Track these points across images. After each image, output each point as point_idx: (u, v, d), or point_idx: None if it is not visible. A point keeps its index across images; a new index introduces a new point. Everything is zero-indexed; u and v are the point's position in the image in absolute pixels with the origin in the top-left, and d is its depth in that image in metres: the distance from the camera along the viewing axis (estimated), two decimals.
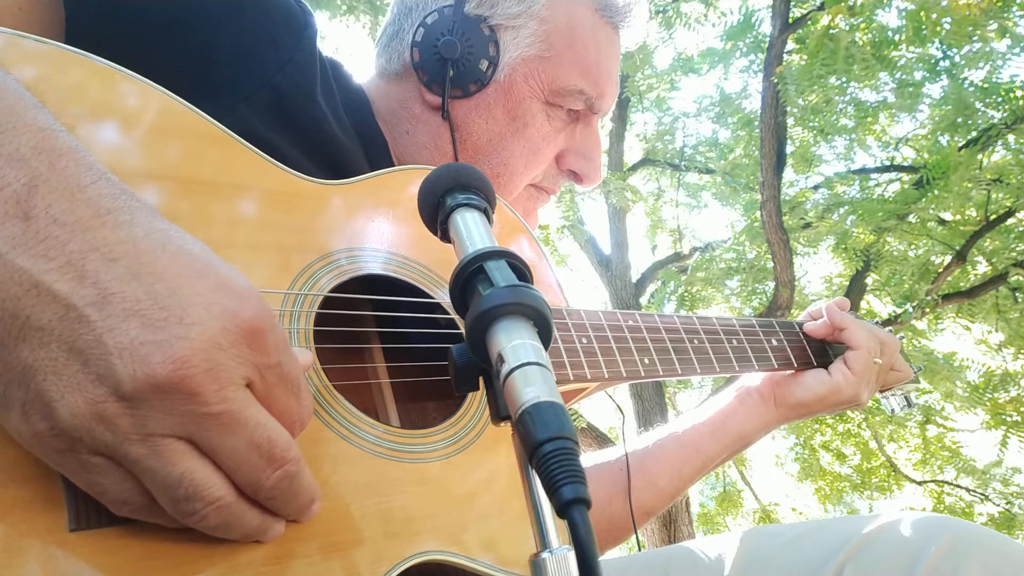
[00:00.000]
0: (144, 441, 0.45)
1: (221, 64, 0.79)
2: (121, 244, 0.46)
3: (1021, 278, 5.45)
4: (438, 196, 0.61)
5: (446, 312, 0.83)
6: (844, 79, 4.72)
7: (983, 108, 4.66)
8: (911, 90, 4.88)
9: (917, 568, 0.82)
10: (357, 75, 1.09)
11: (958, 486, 7.17)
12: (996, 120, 4.60)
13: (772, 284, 5.26)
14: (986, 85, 4.63)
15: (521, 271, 0.54)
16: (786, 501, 8.46)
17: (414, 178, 0.89)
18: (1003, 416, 5.81)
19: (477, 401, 0.80)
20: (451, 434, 0.75)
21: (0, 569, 0.47)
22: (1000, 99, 4.58)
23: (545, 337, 0.50)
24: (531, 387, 0.45)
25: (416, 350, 0.84)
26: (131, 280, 0.45)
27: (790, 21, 4.67)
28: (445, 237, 0.61)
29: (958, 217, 5.56)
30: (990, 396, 5.90)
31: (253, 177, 0.73)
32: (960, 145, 4.88)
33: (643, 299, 7.47)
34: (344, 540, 0.61)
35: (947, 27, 4.27)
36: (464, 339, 0.52)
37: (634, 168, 7.51)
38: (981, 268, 5.91)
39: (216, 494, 0.48)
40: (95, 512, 0.51)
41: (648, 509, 1.20)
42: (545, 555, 0.45)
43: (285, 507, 0.54)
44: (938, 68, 4.79)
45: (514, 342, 0.48)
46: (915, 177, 5.16)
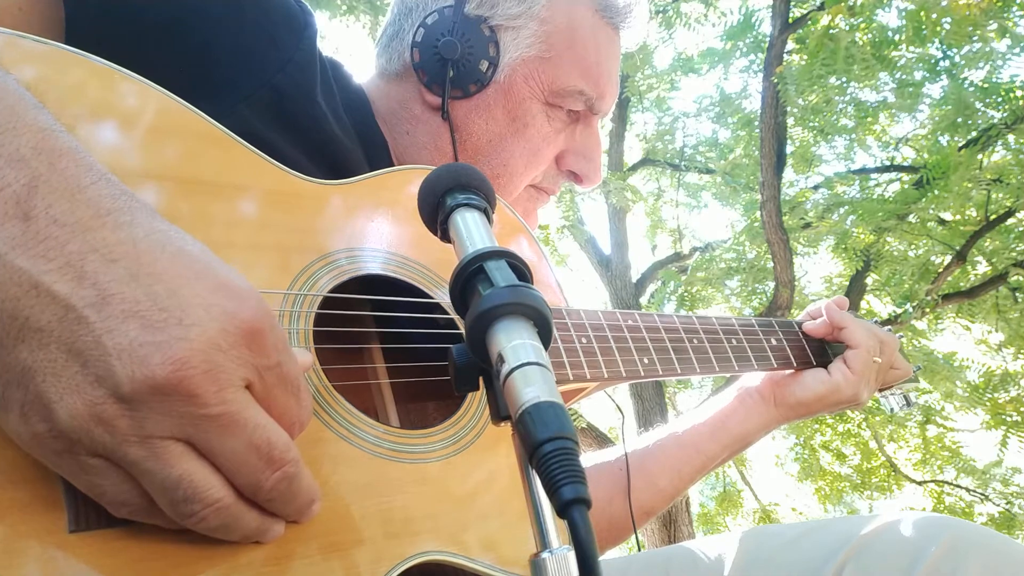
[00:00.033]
0: (143, 443, 0.45)
1: (221, 64, 0.79)
2: (121, 245, 0.46)
3: (1021, 278, 5.45)
4: (438, 196, 0.61)
5: (446, 312, 0.83)
6: (844, 79, 4.72)
7: (983, 108, 4.66)
8: (911, 90, 4.89)
9: (917, 568, 0.82)
10: (357, 75, 1.09)
11: (958, 486, 7.17)
12: (996, 120, 4.60)
13: (772, 284, 5.26)
14: (986, 85, 4.63)
15: (521, 271, 0.54)
16: (786, 501, 8.47)
17: (413, 178, 0.89)
18: (1003, 416, 5.81)
19: (477, 401, 0.80)
20: (451, 434, 0.75)
21: (0, 570, 0.47)
22: (1000, 99, 4.58)
23: (545, 337, 0.50)
24: (531, 387, 0.45)
25: (416, 350, 0.84)
26: (130, 281, 0.45)
27: (790, 21, 4.67)
28: (445, 237, 0.61)
29: (958, 217, 5.56)
30: (990, 396, 5.90)
31: (253, 177, 0.73)
32: (960, 145, 4.88)
33: (643, 299, 7.46)
34: (344, 540, 0.61)
35: (947, 27, 4.27)
36: (464, 339, 0.52)
37: (634, 168, 7.51)
38: (981, 268, 5.91)
39: (215, 495, 0.48)
40: (94, 513, 0.51)
41: (648, 509, 1.20)
42: (545, 555, 0.45)
43: (285, 508, 0.54)
44: (938, 68, 4.79)
45: (514, 342, 0.48)
46: (915, 177, 5.16)
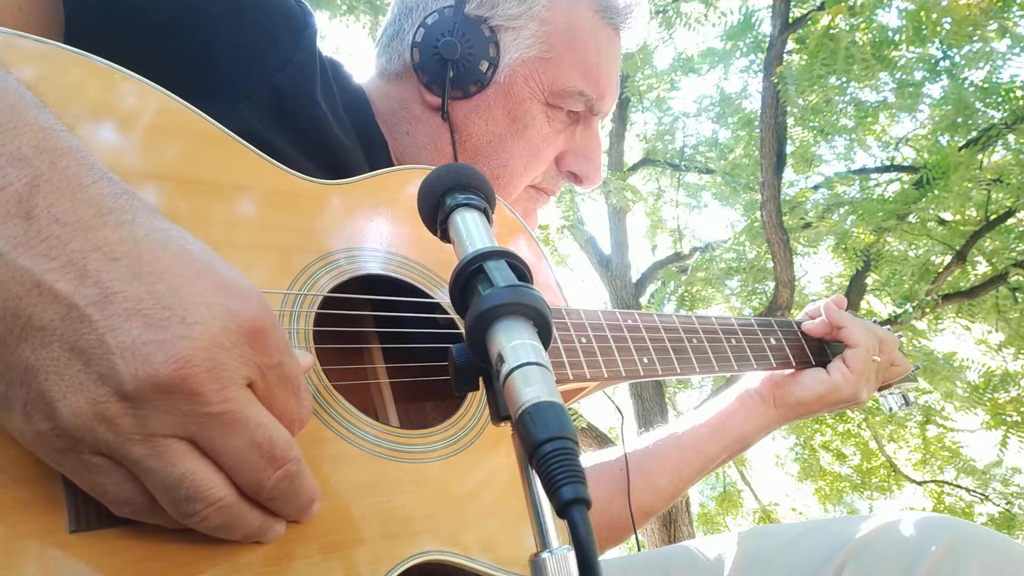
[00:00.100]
0: (145, 441, 0.45)
1: (221, 64, 0.79)
2: (122, 244, 0.46)
3: (1021, 278, 5.45)
4: (438, 196, 0.61)
5: (446, 312, 0.83)
6: (844, 79, 4.72)
7: (983, 108, 4.66)
8: (911, 90, 4.89)
9: (917, 568, 0.82)
10: (357, 75, 1.09)
11: (958, 486, 7.17)
12: (996, 120, 4.60)
13: (772, 284, 5.26)
14: (986, 85, 4.63)
15: (521, 271, 0.54)
16: (786, 501, 8.47)
17: (413, 178, 0.89)
18: (1003, 416, 5.81)
19: (477, 401, 0.80)
20: (451, 434, 0.75)
21: (0, 570, 0.47)
22: (1000, 99, 4.58)
23: (545, 337, 0.50)
24: (531, 387, 0.45)
25: (416, 350, 0.84)
26: (132, 280, 0.45)
27: (790, 21, 4.67)
28: (445, 237, 0.61)
29: (958, 217, 5.56)
30: (990, 396, 5.90)
31: (253, 177, 0.73)
32: (960, 145, 4.88)
33: (643, 299, 7.46)
34: (344, 540, 0.61)
35: (947, 27, 4.27)
36: (464, 339, 0.52)
37: (634, 168, 7.51)
38: (981, 268, 5.92)
39: (217, 494, 0.48)
40: (95, 513, 0.51)
41: (648, 509, 1.20)
42: (545, 555, 0.45)
43: (286, 507, 0.54)
44: (938, 68, 4.79)
45: (514, 342, 0.48)
46: (915, 177, 5.17)
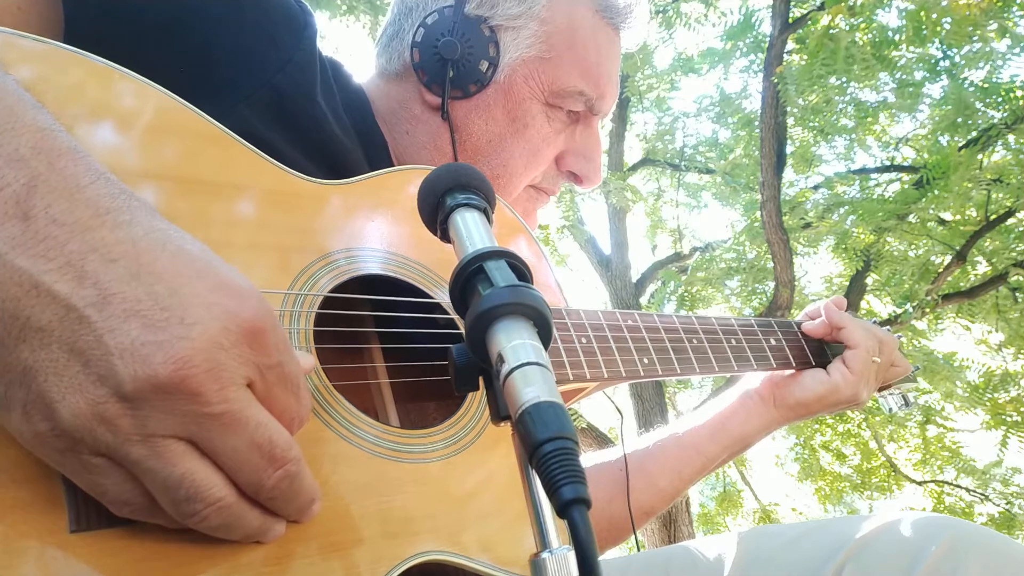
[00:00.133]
0: (145, 442, 0.45)
1: (221, 64, 0.79)
2: (120, 244, 0.46)
3: (1021, 278, 5.45)
4: (438, 196, 0.61)
5: (446, 312, 0.83)
6: (844, 79, 4.72)
7: (983, 108, 4.66)
8: (911, 90, 4.89)
9: (917, 568, 0.82)
10: (357, 75, 1.09)
11: (958, 486, 7.17)
12: (996, 120, 4.60)
13: (772, 284, 5.26)
14: (986, 85, 4.63)
15: (521, 271, 0.54)
16: (786, 501, 8.47)
17: (413, 178, 0.89)
18: (1003, 416, 5.81)
19: (477, 401, 0.80)
20: (451, 434, 0.75)
21: (0, 570, 0.47)
22: (1000, 99, 4.59)
23: (545, 337, 0.50)
24: (531, 387, 0.45)
25: (416, 350, 0.84)
26: (131, 280, 0.45)
27: (790, 21, 4.67)
28: (445, 237, 0.61)
29: (958, 217, 5.56)
30: (990, 396, 5.90)
31: (252, 177, 0.73)
32: (960, 145, 4.88)
33: (643, 299, 7.46)
34: (344, 540, 0.61)
35: (947, 27, 4.28)
36: (464, 339, 0.52)
37: (634, 168, 7.51)
38: (981, 268, 5.92)
39: (217, 495, 0.48)
40: (95, 513, 0.51)
41: (648, 509, 1.20)
42: (545, 555, 0.45)
43: (286, 507, 0.54)
44: (938, 68, 4.79)
45: (514, 342, 0.48)
46: (915, 177, 5.17)
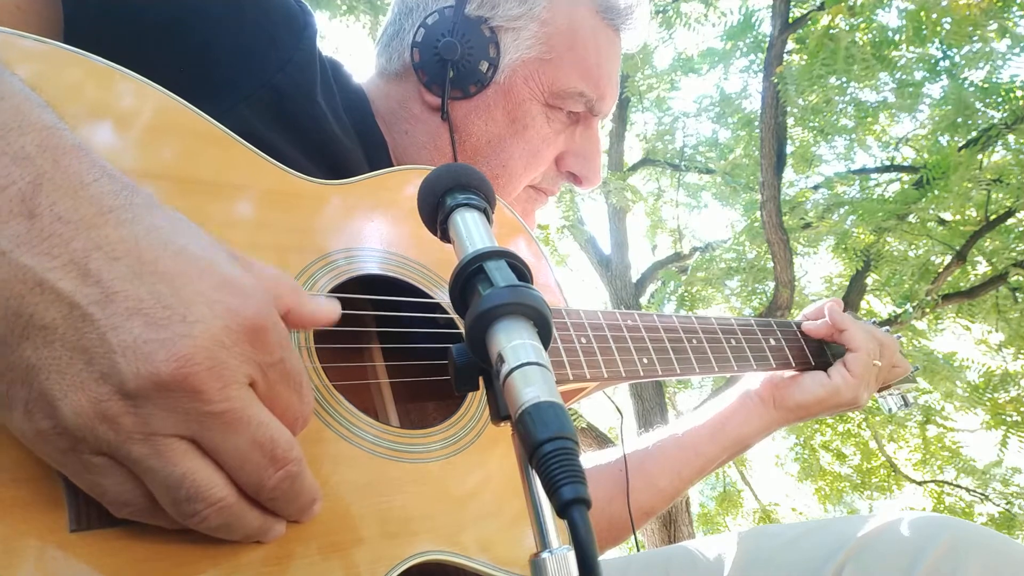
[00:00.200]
0: (146, 440, 0.45)
1: (221, 64, 0.79)
2: (123, 243, 0.46)
3: (1021, 278, 5.45)
4: (438, 196, 0.61)
5: (446, 312, 0.83)
6: (844, 79, 4.72)
7: (983, 108, 4.66)
8: (911, 90, 4.89)
9: (917, 568, 0.82)
10: (357, 75, 1.09)
11: (958, 486, 7.17)
12: (996, 120, 4.60)
13: (772, 284, 5.26)
14: (986, 85, 4.63)
15: (521, 271, 0.54)
16: (786, 501, 8.47)
17: (413, 178, 0.89)
18: (1003, 416, 5.81)
19: (477, 401, 0.80)
20: (451, 434, 0.75)
21: (0, 569, 0.47)
22: (1000, 99, 4.59)
23: (545, 337, 0.50)
24: (531, 387, 0.45)
25: (416, 350, 0.84)
26: (133, 279, 0.45)
27: (790, 21, 4.67)
28: (445, 237, 0.61)
29: (958, 217, 5.56)
30: (990, 396, 5.90)
31: (252, 177, 0.73)
32: (960, 145, 4.88)
33: (643, 299, 7.46)
34: (343, 540, 0.61)
35: (947, 27, 4.28)
36: (464, 339, 0.52)
37: (634, 168, 7.51)
38: (981, 268, 5.92)
39: (218, 495, 0.48)
40: (96, 513, 0.51)
41: (647, 509, 1.20)
42: (545, 555, 0.45)
43: (287, 507, 0.54)
44: (938, 68, 4.79)
45: (514, 342, 0.48)
46: (915, 177, 5.17)
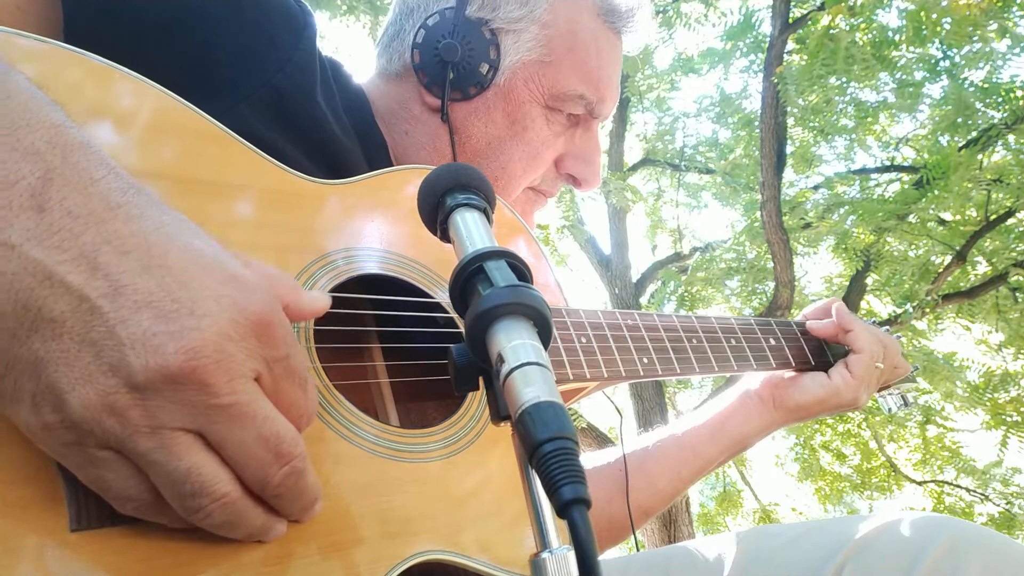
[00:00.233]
0: (153, 434, 0.45)
1: (221, 64, 0.79)
2: (132, 237, 0.47)
3: (1021, 278, 5.45)
4: (438, 196, 0.61)
5: (446, 312, 0.83)
6: (844, 79, 4.72)
7: (983, 108, 4.66)
8: (911, 90, 4.89)
9: (917, 568, 0.82)
10: (357, 75, 1.09)
11: (958, 486, 7.17)
12: (996, 120, 4.60)
13: (772, 284, 5.26)
14: (986, 85, 4.63)
15: (521, 271, 0.54)
16: (786, 501, 8.47)
17: (413, 178, 0.89)
18: (1003, 416, 5.81)
19: (477, 401, 0.80)
20: (451, 434, 0.75)
21: (1, 569, 0.47)
22: (1000, 99, 4.58)
23: (545, 337, 0.50)
24: (531, 387, 0.45)
25: (416, 350, 0.84)
26: (142, 273, 0.46)
27: (790, 21, 4.67)
28: (445, 237, 0.61)
29: (958, 217, 5.56)
30: (990, 396, 5.90)
31: (252, 176, 0.73)
32: (960, 145, 4.88)
33: (643, 299, 7.46)
34: (344, 540, 0.61)
35: (947, 27, 4.27)
36: (464, 339, 0.52)
37: (634, 168, 7.51)
38: (981, 268, 5.92)
39: (222, 490, 0.48)
40: (96, 512, 0.51)
41: (647, 509, 1.20)
42: (545, 555, 0.45)
43: (290, 505, 0.54)
44: (938, 68, 4.79)
45: (514, 342, 0.48)
46: (915, 177, 5.16)
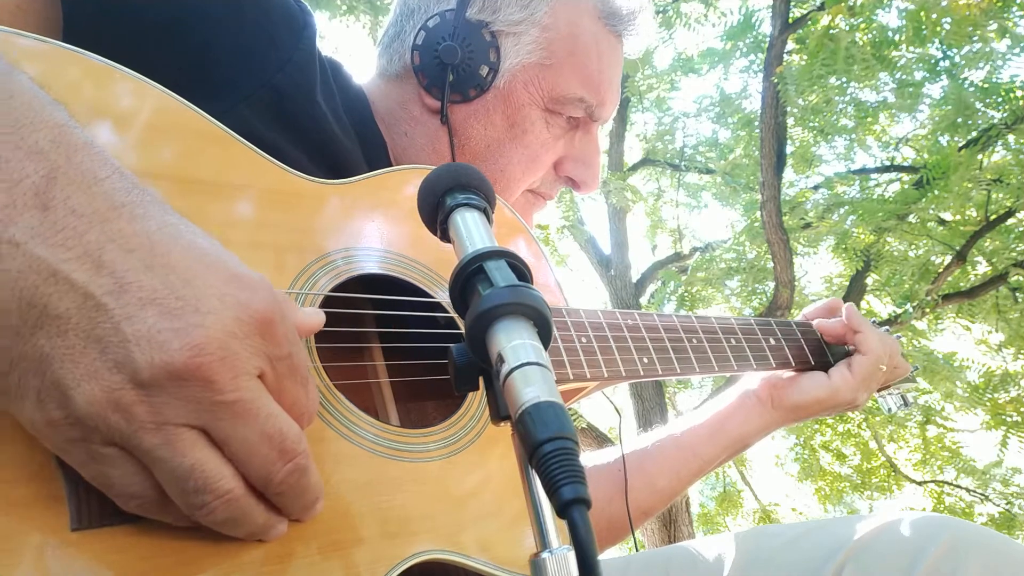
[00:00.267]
0: (158, 430, 0.46)
1: (221, 64, 0.79)
2: (136, 236, 0.47)
3: (1021, 278, 5.45)
4: (438, 196, 0.61)
5: (446, 311, 0.83)
6: (844, 79, 4.72)
7: (983, 108, 4.66)
8: (911, 90, 4.89)
9: (917, 568, 0.82)
10: (357, 76, 1.09)
11: (958, 486, 7.17)
12: (996, 120, 4.60)
13: (772, 284, 5.26)
14: (986, 85, 4.63)
15: (521, 271, 0.54)
16: (786, 501, 8.47)
17: (412, 178, 0.89)
18: (1003, 416, 5.81)
19: (477, 401, 0.80)
20: (451, 434, 0.75)
21: (1, 569, 0.47)
22: (1000, 99, 4.58)
23: (545, 337, 0.50)
24: (531, 387, 0.45)
25: (416, 349, 0.84)
26: (146, 271, 0.46)
27: (790, 21, 4.67)
28: (445, 237, 0.61)
29: (958, 217, 5.56)
30: (990, 396, 5.90)
31: (252, 176, 0.73)
32: (960, 145, 4.88)
33: (643, 299, 7.46)
34: (344, 540, 0.61)
35: (947, 27, 4.28)
36: (464, 339, 0.52)
37: (634, 168, 7.51)
38: (981, 268, 5.91)
39: (226, 486, 0.49)
40: (98, 510, 0.51)
41: (646, 509, 1.20)
42: (545, 555, 0.45)
43: (293, 503, 0.54)
44: (938, 68, 4.79)
45: (514, 342, 0.48)
46: (915, 177, 5.16)
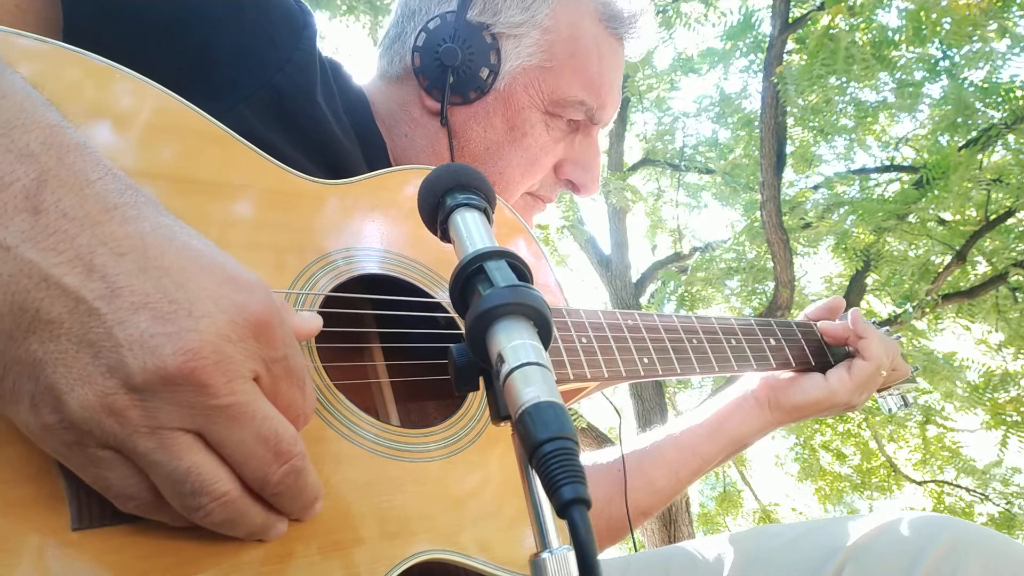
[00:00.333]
0: (153, 434, 0.45)
1: (221, 64, 0.79)
2: (129, 239, 0.47)
3: (1021, 278, 5.45)
4: (438, 196, 0.61)
5: (446, 311, 0.83)
6: (844, 79, 4.72)
7: (983, 108, 4.66)
8: (911, 90, 4.88)
9: (917, 568, 0.82)
10: (357, 76, 1.09)
11: (958, 486, 7.17)
12: (996, 120, 4.60)
13: (772, 284, 5.26)
14: (986, 85, 4.63)
15: (521, 271, 0.54)
16: (786, 501, 8.46)
17: (412, 178, 0.89)
18: (1003, 416, 5.81)
19: (477, 401, 0.80)
20: (451, 434, 0.75)
21: (2, 569, 0.47)
22: (1000, 99, 4.58)
23: (545, 337, 0.50)
24: (531, 387, 0.45)
25: (416, 349, 0.84)
26: (139, 274, 0.46)
27: (790, 21, 4.67)
28: (445, 237, 0.61)
29: (958, 217, 5.56)
30: (990, 396, 5.89)
31: (252, 176, 0.73)
32: (960, 145, 4.88)
33: (643, 299, 7.46)
34: (343, 540, 0.61)
35: (947, 27, 4.27)
36: (464, 339, 0.52)
37: (634, 168, 7.51)
38: (981, 268, 5.91)
39: (222, 489, 0.48)
40: (98, 510, 0.51)
41: (646, 509, 1.20)
42: (545, 555, 0.45)
43: (290, 504, 0.54)
44: (938, 68, 4.79)
45: (514, 342, 0.48)
46: (915, 177, 5.16)
